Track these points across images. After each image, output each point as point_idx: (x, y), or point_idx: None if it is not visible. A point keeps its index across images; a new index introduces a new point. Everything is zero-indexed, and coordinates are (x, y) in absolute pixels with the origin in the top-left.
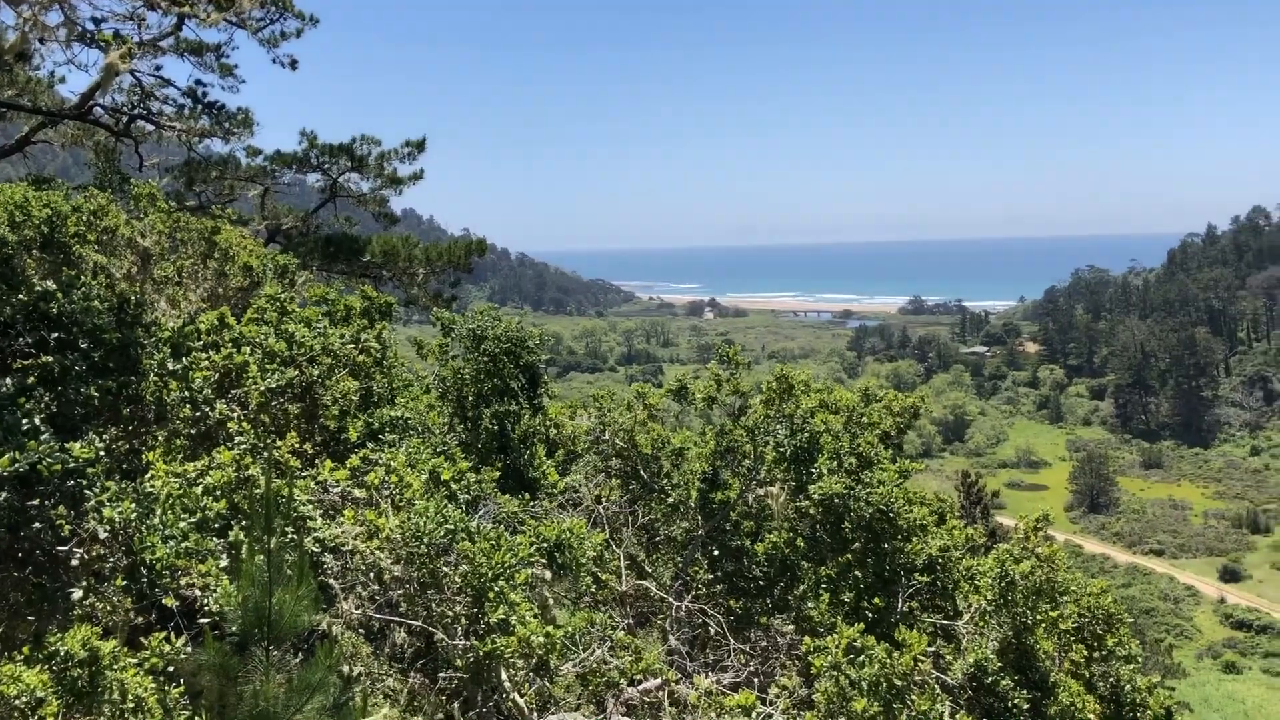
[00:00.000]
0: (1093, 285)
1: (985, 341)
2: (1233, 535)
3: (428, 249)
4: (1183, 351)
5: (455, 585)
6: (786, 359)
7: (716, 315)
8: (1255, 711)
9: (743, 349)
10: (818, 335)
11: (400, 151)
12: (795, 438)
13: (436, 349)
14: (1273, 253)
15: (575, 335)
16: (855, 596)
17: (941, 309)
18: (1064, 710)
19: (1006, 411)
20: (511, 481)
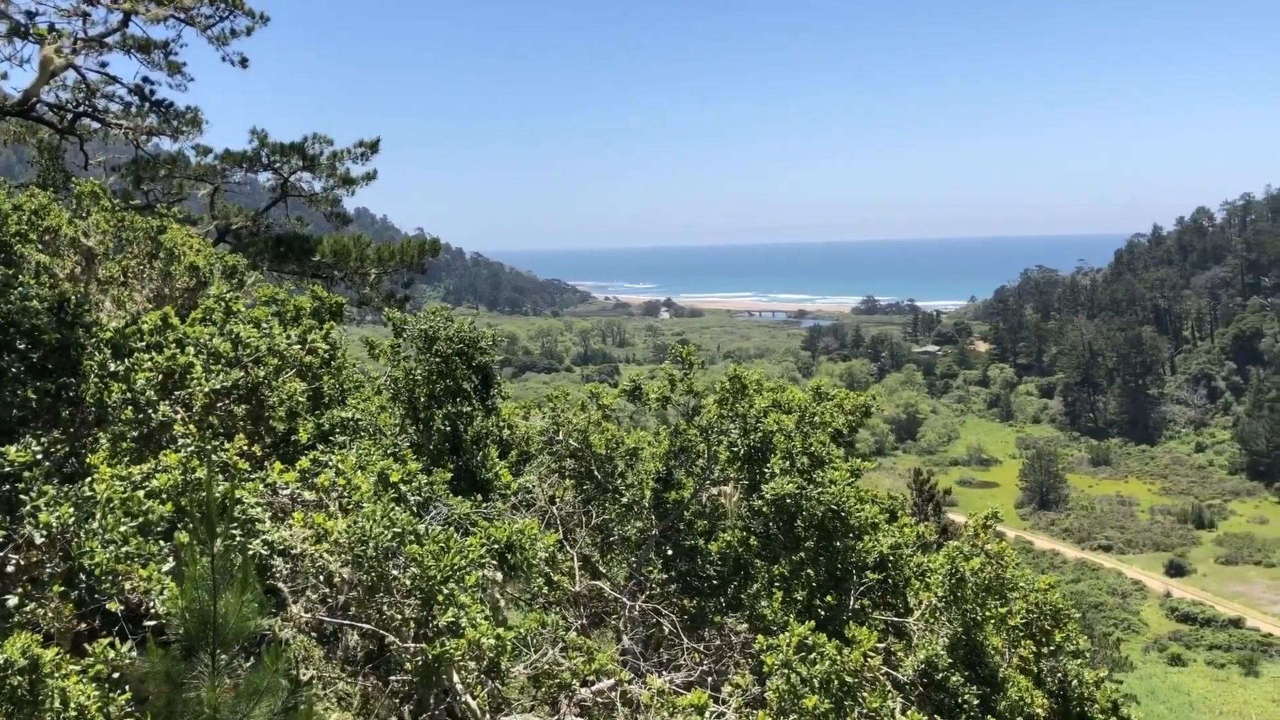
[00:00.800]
0: (1042, 285)
1: (937, 341)
2: (1178, 530)
3: (380, 249)
4: (1129, 350)
5: (405, 588)
6: (742, 359)
7: (672, 315)
8: (1200, 702)
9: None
10: (773, 335)
11: (353, 151)
12: (748, 437)
13: (388, 349)
14: (1216, 253)
15: (531, 335)
16: (808, 595)
17: (894, 309)
18: (1013, 705)
19: (958, 410)
20: (464, 483)
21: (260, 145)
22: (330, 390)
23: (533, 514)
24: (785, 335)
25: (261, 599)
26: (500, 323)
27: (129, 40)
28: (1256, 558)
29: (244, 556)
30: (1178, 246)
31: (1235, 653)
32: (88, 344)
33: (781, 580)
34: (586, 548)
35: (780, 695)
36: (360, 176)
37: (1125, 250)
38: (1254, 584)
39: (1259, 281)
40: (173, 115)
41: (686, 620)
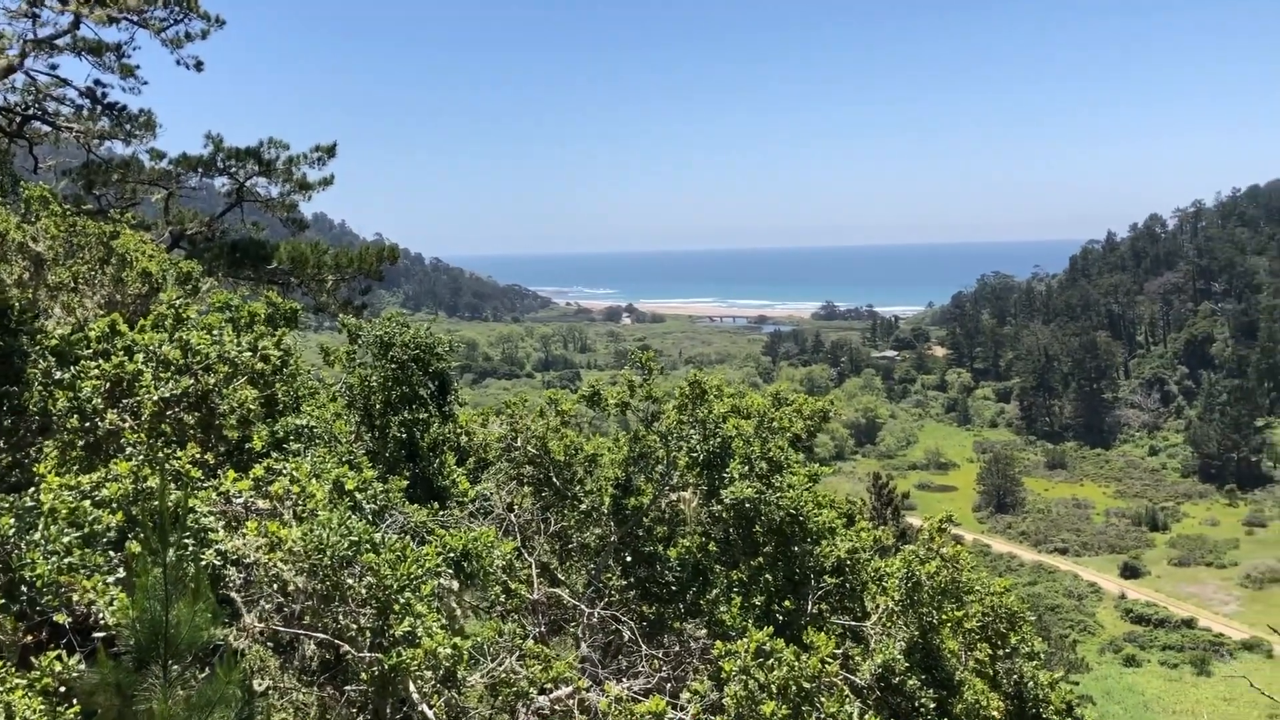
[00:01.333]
0: (998, 291)
1: (895, 346)
2: (1133, 533)
3: (338, 255)
4: (1084, 355)
5: (360, 597)
6: (703, 364)
7: (634, 321)
8: (1154, 702)
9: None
10: (734, 340)
11: (310, 156)
12: (708, 443)
13: (344, 356)
14: (1169, 259)
15: (491, 341)
16: (766, 600)
17: (853, 314)
18: (969, 708)
19: (916, 414)
20: (420, 490)
21: (215, 150)
22: (285, 397)
23: (490, 521)
24: (746, 340)
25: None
26: (460, 328)
27: (80, 42)
28: (1208, 559)
29: (197, 566)
30: (1131, 253)
31: (1188, 653)
32: (32, 351)
33: (740, 585)
34: (545, 555)
35: (738, 701)
36: (317, 181)
37: (1080, 256)
38: (1206, 585)
39: (1210, 287)
40: (126, 119)
41: (645, 627)
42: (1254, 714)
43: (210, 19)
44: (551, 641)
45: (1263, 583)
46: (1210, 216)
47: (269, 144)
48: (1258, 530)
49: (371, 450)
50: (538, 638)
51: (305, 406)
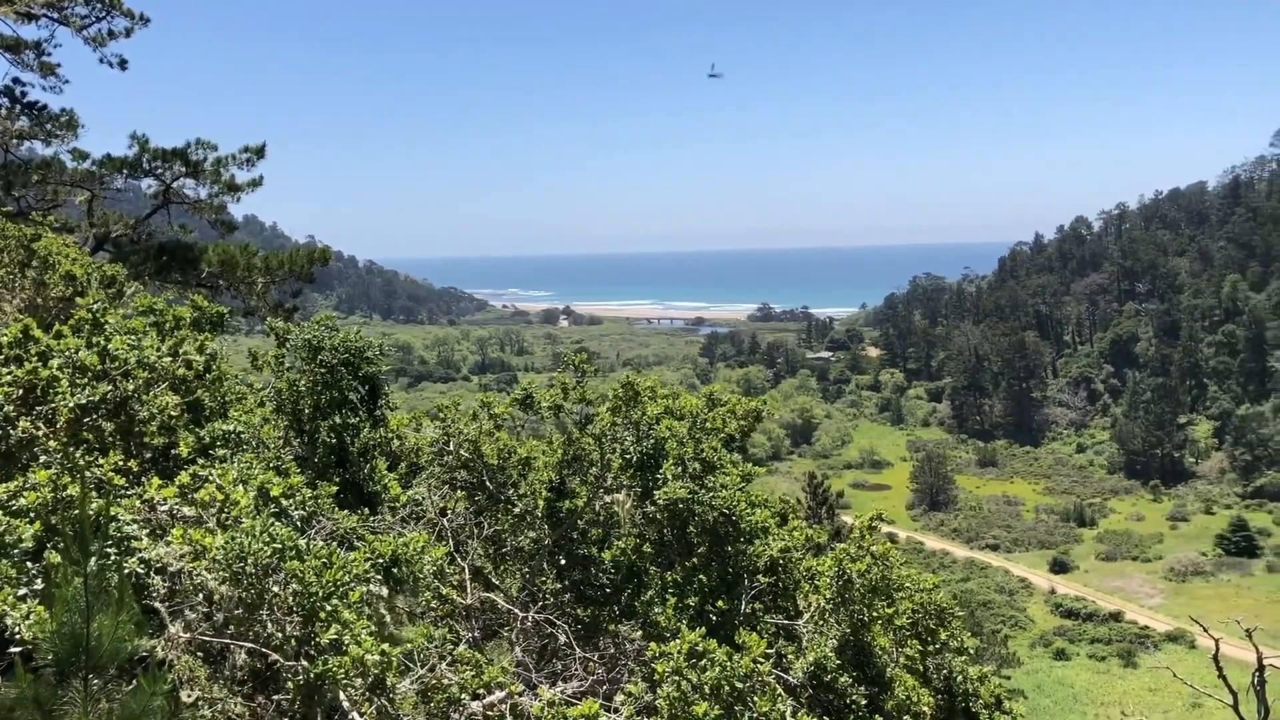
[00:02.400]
0: (930, 292)
1: (830, 347)
2: (1061, 529)
3: (268, 257)
4: (1013, 355)
5: (286, 605)
6: (641, 365)
7: (571, 323)
8: (1083, 695)
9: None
10: (671, 342)
11: (238, 157)
12: (641, 444)
13: (272, 360)
14: (1094, 260)
15: (427, 344)
16: (700, 600)
17: (789, 316)
18: (900, 704)
19: (851, 414)
20: (351, 496)
21: (141, 150)
22: (212, 403)
23: (423, 527)
24: (684, 342)
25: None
26: (395, 331)
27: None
28: (1134, 553)
29: (120, 575)
30: (1058, 254)
31: (1115, 645)
32: None
33: (675, 586)
34: (478, 559)
35: (671, 703)
36: (246, 183)
37: (1009, 258)
38: (1131, 579)
39: (1134, 288)
40: (46, 118)
41: (580, 630)
42: (1178, 704)
43: (134, 16)
44: (486, 646)
45: (1185, 576)
46: (1134, 219)
47: (196, 145)
48: (1180, 525)
49: (300, 456)
50: (471, 643)
51: (233, 412)
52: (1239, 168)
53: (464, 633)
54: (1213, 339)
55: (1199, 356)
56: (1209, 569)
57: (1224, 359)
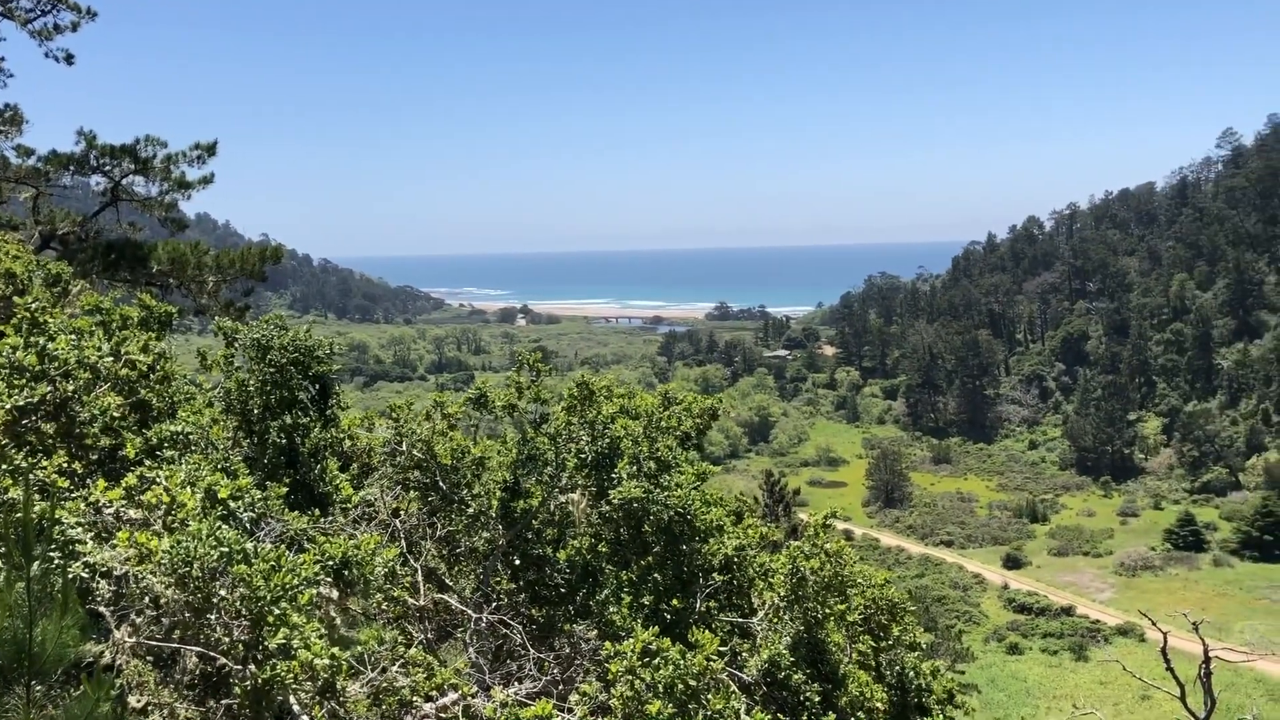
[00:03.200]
0: (885, 291)
1: (787, 345)
2: (1014, 525)
3: (219, 256)
4: (967, 353)
5: (234, 609)
6: (599, 364)
7: (529, 322)
8: (1035, 688)
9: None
10: (629, 341)
11: (189, 154)
12: (596, 444)
13: (221, 360)
14: (1045, 260)
15: (383, 344)
16: (655, 599)
17: (746, 315)
18: (853, 700)
19: (807, 412)
20: (301, 497)
21: (88, 147)
22: (159, 403)
23: (375, 528)
24: (642, 341)
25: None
26: (350, 330)
27: None
28: (1085, 548)
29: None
30: (1010, 254)
31: (1067, 639)
32: None
33: (630, 585)
34: (432, 560)
35: (624, 702)
36: (197, 180)
37: (962, 257)
38: (1083, 573)
39: (1084, 286)
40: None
41: (535, 630)
42: (1128, 696)
43: (81, 10)
44: (439, 648)
45: (1135, 570)
46: (1084, 219)
47: (146, 141)
48: (1130, 520)
49: (250, 456)
50: (424, 645)
51: (181, 412)
52: (1187, 169)
53: (417, 635)
54: (1161, 337)
55: (1148, 354)
56: (1158, 563)
57: (1172, 357)
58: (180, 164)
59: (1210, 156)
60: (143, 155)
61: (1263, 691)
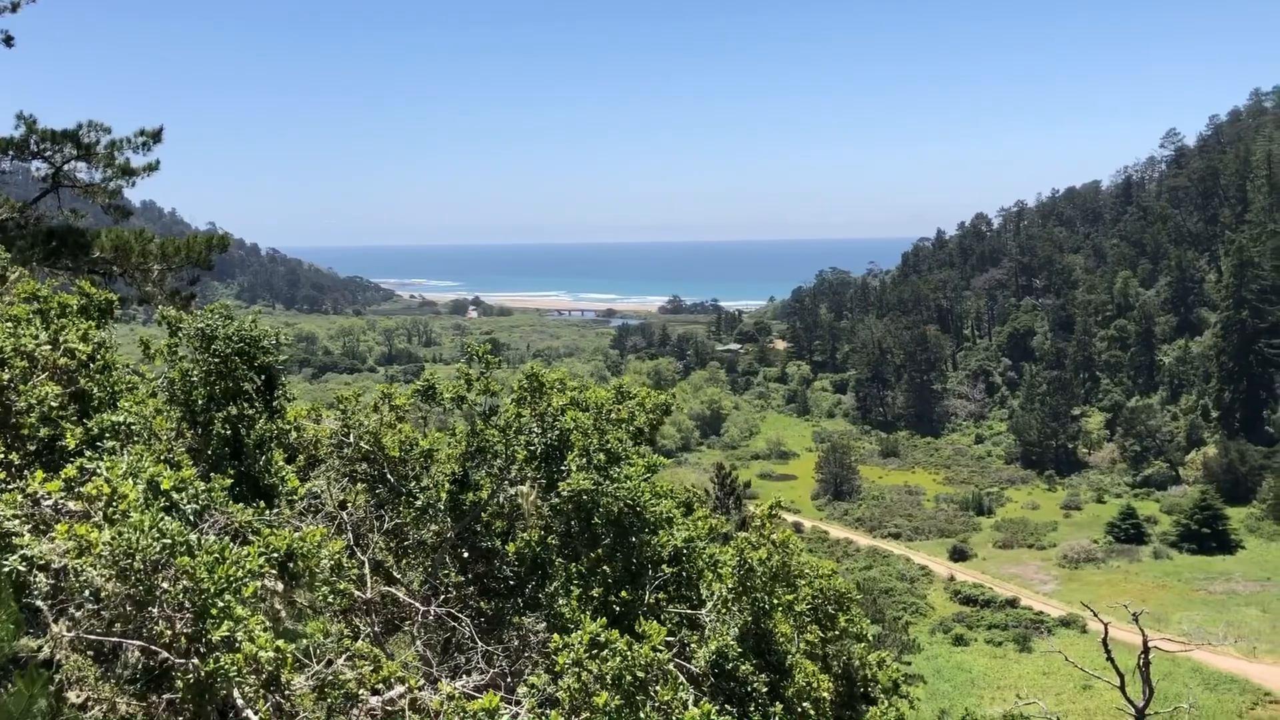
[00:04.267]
0: (835, 286)
1: (739, 339)
2: (960, 517)
3: (164, 244)
4: (915, 348)
5: (177, 602)
6: (552, 357)
7: (481, 314)
8: (980, 679)
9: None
10: (582, 334)
11: (134, 140)
12: (546, 436)
13: (164, 349)
14: (993, 256)
15: (331, 335)
16: (604, 591)
17: (699, 308)
18: (800, 690)
19: (758, 406)
20: (246, 489)
21: (29, 131)
22: (100, 393)
23: (322, 520)
24: (594, 334)
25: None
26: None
27: None
28: (1029, 541)
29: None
30: (959, 250)
31: (1011, 631)
32: None
33: (579, 578)
34: (379, 553)
35: (571, 694)
36: (142, 167)
37: (912, 253)
38: (1027, 565)
39: (1031, 283)
40: None
41: (483, 623)
42: (1070, 686)
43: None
44: (388, 641)
45: (1078, 562)
46: (1031, 216)
47: (89, 126)
48: (1073, 513)
49: (194, 448)
50: (372, 638)
51: (123, 403)
52: (1131, 168)
53: (364, 628)
54: (1105, 333)
55: (1092, 350)
56: (1100, 556)
57: (1115, 353)
58: (124, 150)
59: (1154, 156)
60: (85, 141)
61: (1199, 681)
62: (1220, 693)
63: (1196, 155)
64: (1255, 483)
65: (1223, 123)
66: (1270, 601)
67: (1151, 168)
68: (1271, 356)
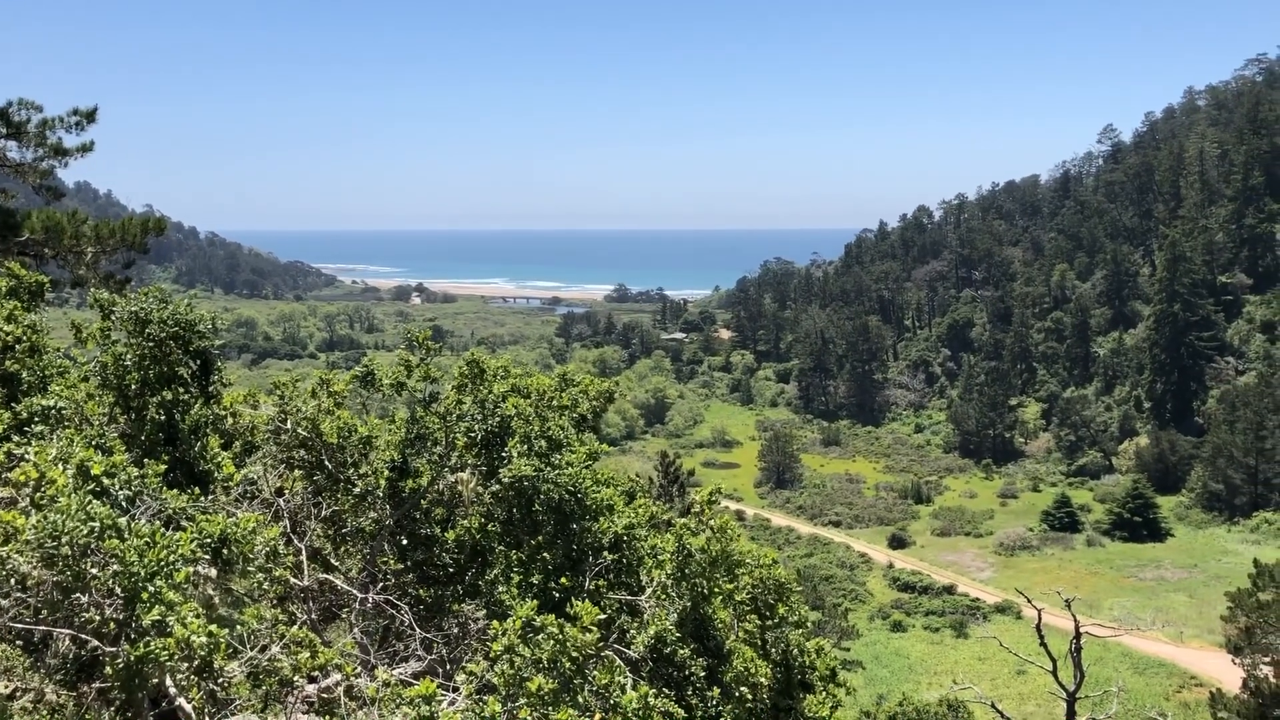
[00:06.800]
0: (780, 276)
1: (684, 328)
2: (900, 505)
3: (99, 226)
4: (857, 338)
5: (106, 588)
6: (497, 345)
7: (424, 300)
8: (918, 665)
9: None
10: (527, 321)
11: (66, 120)
12: (486, 423)
13: (97, 333)
14: (934, 248)
15: (272, 320)
16: (544, 578)
17: (644, 297)
18: (738, 675)
19: (703, 395)
20: (181, 475)
21: None
22: (30, 377)
23: (258, 507)
24: (540, 322)
25: None
26: (238, 306)
27: None
28: (966, 529)
29: None
30: (900, 242)
31: (948, 617)
32: None
33: (520, 564)
34: (317, 540)
35: (506, 680)
36: (75, 147)
37: (854, 244)
38: (964, 553)
39: (970, 275)
40: None
41: (422, 610)
42: (1004, 671)
43: None
44: (326, 628)
45: (1013, 550)
46: (972, 209)
47: (19, 105)
48: (1010, 501)
49: (127, 433)
50: (310, 625)
51: (53, 387)
52: (1069, 163)
53: (301, 615)
54: (1042, 325)
55: (1029, 342)
56: (1035, 543)
57: (1052, 344)
58: (57, 130)
59: (1091, 152)
60: (15, 119)
61: (1129, 665)
62: (1149, 676)
63: (1132, 151)
64: (1185, 472)
65: (1158, 120)
66: (1197, 588)
67: (1089, 163)
68: (1202, 349)
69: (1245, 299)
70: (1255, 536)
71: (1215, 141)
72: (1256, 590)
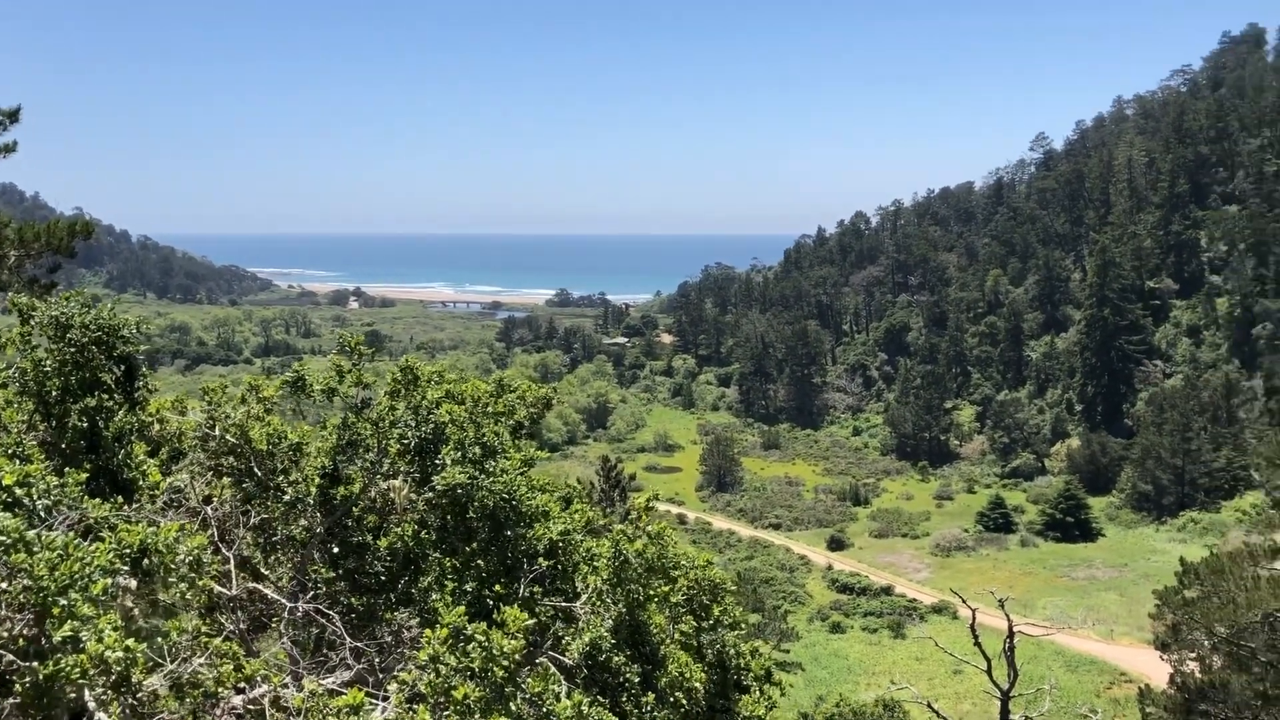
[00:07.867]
0: (720, 281)
1: (626, 333)
2: (838, 508)
3: (22, 229)
4: (796, 342)
5: (15, 602)
6: (436, 350)
7: (362, 305)
8: (856, 665)
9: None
10: (467, 326)
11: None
12: (420, 429)
13: (16, 338)
14: (871, 254)
15: (206, 325)
16: (478, 585)
17: (586, 301)
18: (673, 680)
19: (645, 399)
20: (105, 484)
21: None
22: None
23: (184, 515)
24: (480, 327)
25: None
26: (171, 311)
27: None
28: (903, 530)
29: None
30: (839, 247)
31: (886, 618)
32: None
33: (453, 572)
34: (246, 549)
35: (433, 689)
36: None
37: (794, 250)
38: (901, 554)
39: (906, 280)
40: None
41: (354, 619)
42: (941, 671)
43: None
44: (256, 638)
45: (949, 551)
46: (908, 215)
47: None
48: (946, 503)
49: (47, 441)
50: (238, 635)
51: None
52: (1003, 170)
53: (229, 625)
54: (976, 329)
55: (964, 346)
56: (970, 544)
57: (986, 348)
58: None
59: (1024, 159)
60: None
61: (1061, 663)
62: (1081, 673)
63: (1064, 159)
64: (1115, 473)
65: (1088, 128)
66: (1127, 586)
67: (1022, 170)
68: (1131, 353)
69: (1172, 304)
70: (1182, 535)
71: (1143, 150)
72: (1182, 588)
